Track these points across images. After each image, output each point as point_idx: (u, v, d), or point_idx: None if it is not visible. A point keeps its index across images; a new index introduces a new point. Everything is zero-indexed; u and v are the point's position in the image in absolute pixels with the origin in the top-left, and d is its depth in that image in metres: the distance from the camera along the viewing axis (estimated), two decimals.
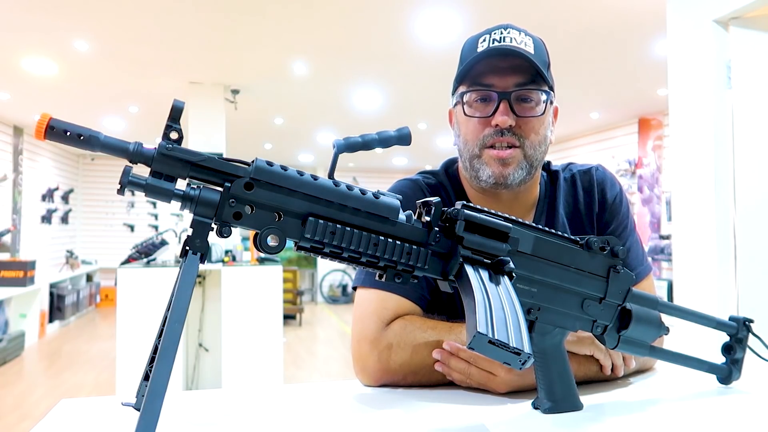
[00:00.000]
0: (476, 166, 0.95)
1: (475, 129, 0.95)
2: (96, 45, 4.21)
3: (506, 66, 0.91)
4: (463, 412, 0.77)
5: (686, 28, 2.60)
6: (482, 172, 0.95)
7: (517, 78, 0.92)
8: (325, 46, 4.26)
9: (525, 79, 0.92)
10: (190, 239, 0.56)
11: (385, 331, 0.90)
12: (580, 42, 4.09)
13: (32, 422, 3.75)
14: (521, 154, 0.93)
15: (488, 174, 0.94)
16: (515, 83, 0.92)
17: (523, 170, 0.94)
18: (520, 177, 0.94)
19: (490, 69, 0.92)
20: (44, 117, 0.51)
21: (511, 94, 0.91)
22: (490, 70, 0.92)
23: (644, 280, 1.02)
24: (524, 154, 0.94)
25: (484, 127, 0.94)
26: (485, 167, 0.94)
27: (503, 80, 0.92)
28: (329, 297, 10.39)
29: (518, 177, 0.94)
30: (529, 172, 0.95)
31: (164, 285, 3.88)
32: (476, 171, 0.96)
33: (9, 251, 6.78)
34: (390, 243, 0.64)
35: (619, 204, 1.05)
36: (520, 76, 0.92)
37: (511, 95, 0.91)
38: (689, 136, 2.58)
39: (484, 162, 0.94)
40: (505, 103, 0.91)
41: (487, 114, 0.93)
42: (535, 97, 0.93)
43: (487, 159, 0.94)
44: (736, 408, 0.82)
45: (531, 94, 0.93)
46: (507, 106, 0.91)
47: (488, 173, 0.94)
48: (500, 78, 0.92)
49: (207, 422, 0.72)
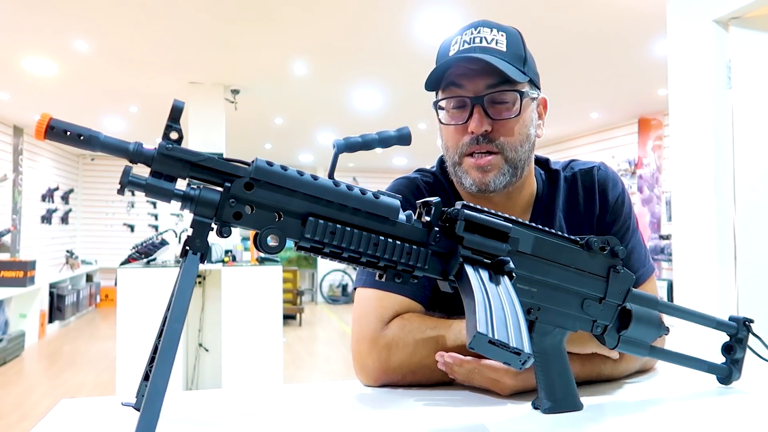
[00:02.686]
0: (459, 174, 0.95)
1: (454, 137, 0.94)
2: (96, 45, 4.21)
3: (476, 68, 0.89)
4: (463, 412, 0.77)
5: (686, 28, 2.60)
6: (464, 179, 0.94)
7: (487, 80, 0.89)
8: (325, 46, 4.26)
9: (496, 80, 0.89)
10: (190, 239, 0.56)
11: (384, 330, 0.90)
12: (581, 42, 4.09)
13: (32, 422, 3.74)
14: (501, 159, 0.92)
15: (470, 182, 0.93)
16: (486, 85, 0.89)
17: (506, 175, 0.92)
18: (503, 182, 0.93)
19: (461, 72, 0.90)
20: (44, 117, 0.51)
21: (484, 98, 0.89)
22: (461, 73, 0.90)
23: (647, 282, 1.01)
24: (505, 158, 0.92)
25: (462, 135, 0.92)
26: (466, 176, 0.94)
27: (474, 84, 0.90)
28: (329, 297, 10.38)
29: (501, 182, 0.92)
30: (513, 175, 0.93)
31: (164, 285, 3.88)
32: (459, 178, 0.96)
33: (9, 251, 6.78)
34: (390, 243, 0.64)
35: (621, 204, 1.03)
36: (491, 77, 0.89)
37: (483, 99, 0.89)
38: (689, 136, 2.58)
39: (464, 170, 0.94)
40: (479, 108, 0.89)
41: (463, 120, 0.91)
42: (509, 97, 0.90)
43: (467, 167, 0.93)
44: (736, 408, 0.82)
45: (504, 96, 0.90)
46: (480, 110, 0.89)
47: (470, 181, 0.93)
48: (471, 81, 0.90)
49: (207, 422, 0.72)
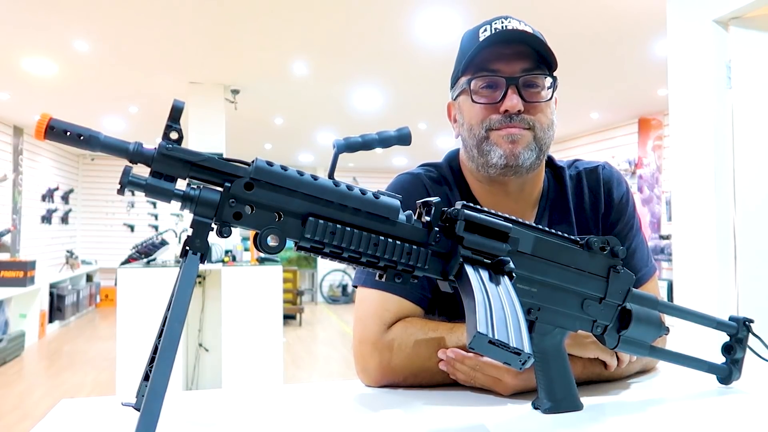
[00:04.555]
0: (485, 149, 0.93)
1: (481, 113, 0.93)
2: (96, 45, 4.21)
3: (511, 52, 0.91)
4: (463, 413, 0.77)
5: (686, 28, 2.60)
6: (493, 153, 0.92)
7: (523, 64, 0.91)
8: (325, 46, 4.26)
9: (531, 64, 0.92)
10: (190, 239, 0.56)
11: (386, 333, 0.90)
12: (581, 42, 4.09)
13: (32, 422, 3.74)
14: (531, 135, 0.92)
15: (499, 154, 0.92)
16: (522, 68, 0.91)
17: (533, 152, 0.92)
18: (530, 158, 0.92)
19: (496, 56, 0.92)
20: (44, 117, 0.51)
21: (519, 80, 0.91)
22: (495, 57, 0.92)
23: (649, 282, 1.01)
24: (534, 135, 0.92)
25: (490, 113, 0.92)
26: (495, 148, 0.92)
27: (509, 66, 0.91)
28: (329, 297, 10.38)
29: (528, 158, 0.92)
30: (538, 156, 0.93)
31: (164, 285, 3.88)
32: (485, 155, 0.93)
33: (9, 251, 6.78)
34: (390, 243, 0.64)
35: (626, 204, 1.03)
36: (526, 61, 0.91)
37: (519, 80, 0.91)
38: (689, 136, 2.58)
39: (493, 143, 0.92)
40: (513, 88, 0.91)
41: (495, 100, 0.92)
42: (541, 82, 0.93)
43: (496, 139, 0.92)
44: (736, 408, 0.82)
45: (537, 80, 0.92)
46: (515, 91, 0.91)
47: (499, 153, 0.92)
48: (506, 64, 0.91)
49: (207, 422, 0.72)
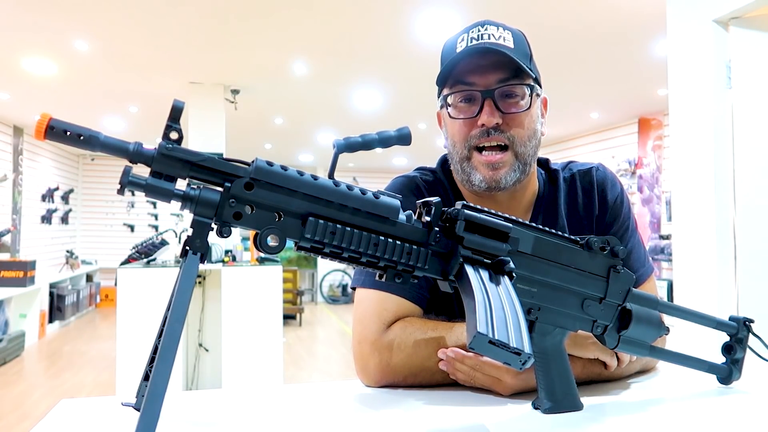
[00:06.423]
0: (467, 170, 0.95)
1: (462, 130, 0.94)
2: (96, 45, 4.21)
3: (487, 63, 0.90)
4: (463, 413, 0.77)
5: (686, 28, 2.60)
6: (474, 176, 0.94)
7: (498, 74, 0.90)
8: (325, 46, 4.26)
9: (507, 74, 0.90)
10: (190, 239, 0.56)
11: (385, 333, 0.90)
12: (581, 42, 4.09)
13: (32, 422, 3.74)
14: (511, 155, 0.92)
15: (480, 179, 0.93)
16: (497, 80, 0.90)
17: (516, 171, 0.93)
18: (514, 178, 0.93)
19: (471, 68, 0.91)
20: (44, 117, 0.51)
21: (495, 92, 0.90)
22: (471, 70, 0.91)
23: (647, 282, 1.01)
24: (515, 153, 0.92)
25: (470, 128, 0.93)
26: (476, 172, 0.93)
27: (485, 78, 0.91)
28: (329, 297, 10.38)
29: (511, 179, 0.93)
30: (522, 172, 0.94)
31: (164, 285, 3.88)
32: (468, 175, 0.95)
33: (9, 251, 6.78)
34: (390, 243, 0.64)
35: (620, 205, 1.03)
36: (502, 72, 0.90)
37: (494, 92, 0.90)
38: (689, 136, 2.58)
39: (473, 166, 0.93)
40: (489, 102, 0.90)
41: (472, 114, 0.92)
42: (519, 91, 0.92)
43: (477, 164, 0.93)
44: (736, 408, 0.82)
45: (515, 89, 0.91)
46: (491, 104, 0.90)
47: (480, 178, 0.93)
48: (482, 76, 0.91)
49: (207, 422, 0.72)
